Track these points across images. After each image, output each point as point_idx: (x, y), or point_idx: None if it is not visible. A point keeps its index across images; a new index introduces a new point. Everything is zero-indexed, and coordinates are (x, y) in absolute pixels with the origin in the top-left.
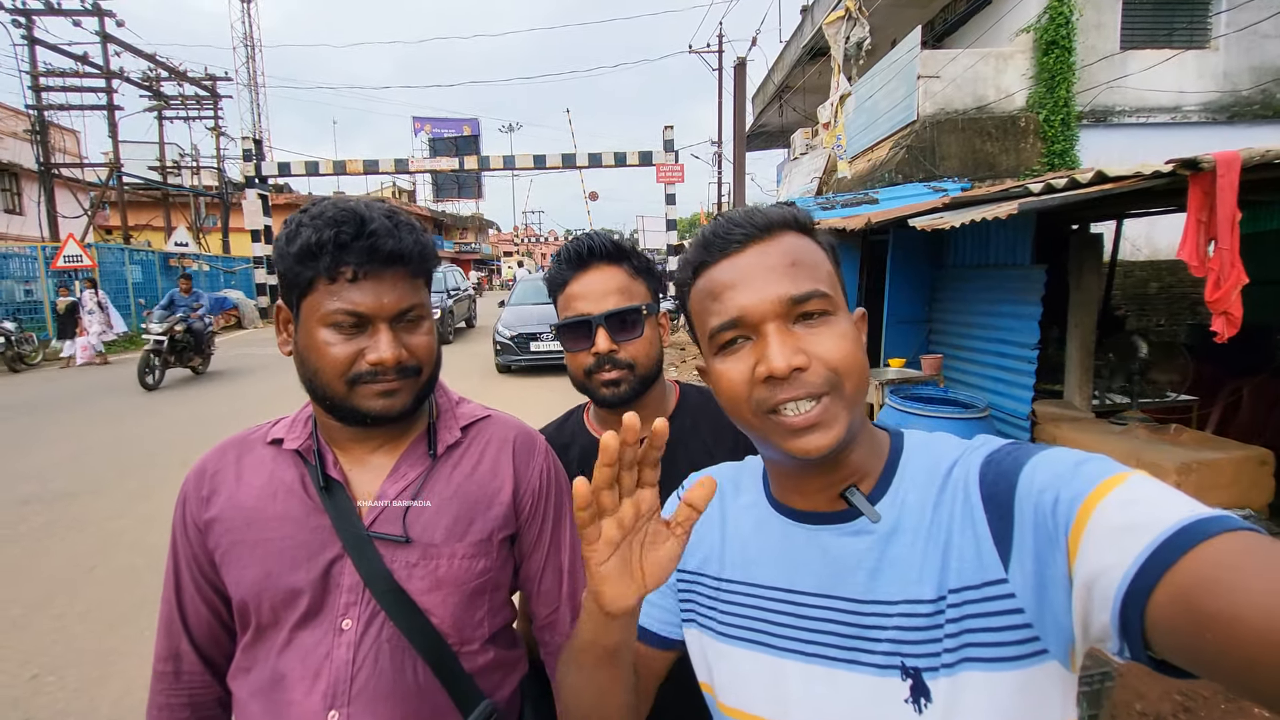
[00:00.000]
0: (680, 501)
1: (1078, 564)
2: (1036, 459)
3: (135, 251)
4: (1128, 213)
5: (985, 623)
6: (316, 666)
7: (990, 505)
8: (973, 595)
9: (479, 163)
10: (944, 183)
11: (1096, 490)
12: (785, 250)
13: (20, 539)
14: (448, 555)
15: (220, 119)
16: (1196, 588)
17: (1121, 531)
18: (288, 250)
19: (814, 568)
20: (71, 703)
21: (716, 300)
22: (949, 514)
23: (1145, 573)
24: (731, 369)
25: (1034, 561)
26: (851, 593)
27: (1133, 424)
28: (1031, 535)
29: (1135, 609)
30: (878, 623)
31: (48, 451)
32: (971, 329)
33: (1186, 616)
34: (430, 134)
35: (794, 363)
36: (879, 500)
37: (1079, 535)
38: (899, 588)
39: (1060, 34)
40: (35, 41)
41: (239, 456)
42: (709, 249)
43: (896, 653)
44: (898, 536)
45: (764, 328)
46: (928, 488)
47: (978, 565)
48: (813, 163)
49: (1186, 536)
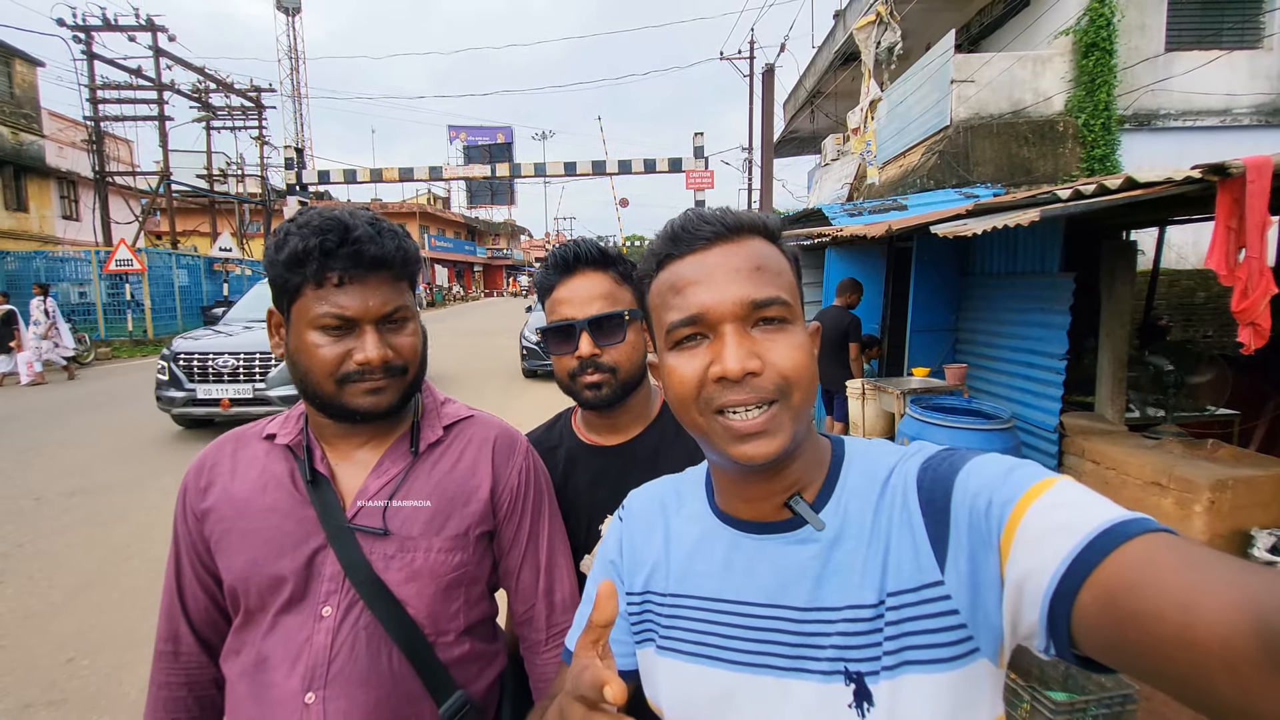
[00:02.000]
0: (589, 624)
1: (1009, 565)
2: (971, 465)
3: (182, 256)
4: (1169, 219)
5: (923, 625)
6: (297, 650)
7: (927, 510)
8: (910, 598)
9: (511, 170)
10: (977, 189)
11: (1027, 494)
12: (751, 254)
13: (65, 529)
14: (424, 548)
15: (264, 129)
16: (1118, 588)
17: (1049, 534)
18: (277, 258)
19: (761, 578)
20: (103, 685)
21: (678, 295)
22: (888, 519)
23: (1071, 574)
24: (684, 365)
25: (968, 563)
26: (797, 601)
27: (1167, 438)
28: (966, 538)
29: (1062, 609)
30: (822, 630)
31: (94, 446)
32: (998, 338)
33: (1109, 615)
34: (465, 141)
35: (748, 366)
36: (822, 508)
37: (1010, 538)
38: (842, 594)
39: (1101, 36)
40: (94, 57)
41: (235, 450)
42: (676, 242)
43: (840, 658)
44: (841, 543)
45: (722, 328)
46: (868, 494)
47: (915, 568)
48: (844, 168)
49: (1109, 538)
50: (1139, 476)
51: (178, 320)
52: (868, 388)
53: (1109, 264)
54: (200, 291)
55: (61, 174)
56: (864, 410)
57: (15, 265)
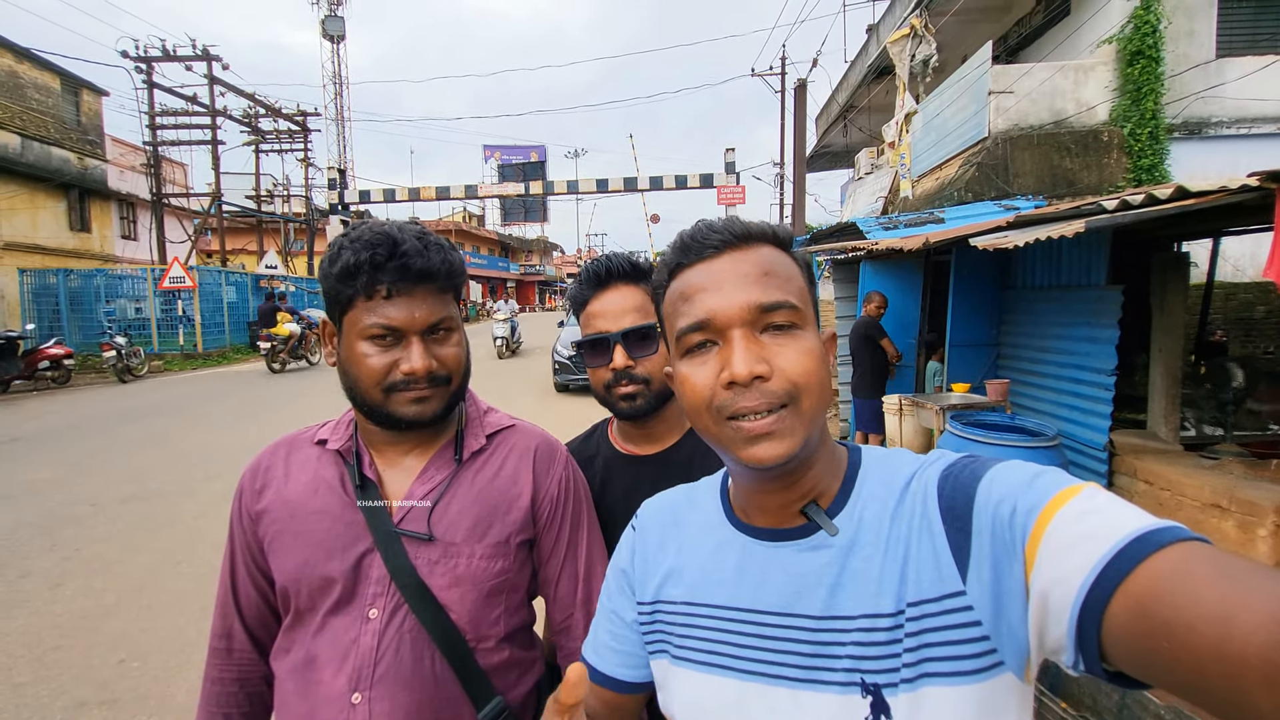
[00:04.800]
0: (557, 702)
1: (1034, 575)
2: (994, 471)
3: (230, 273)
4: (1224, 230)
5: (944, 636)
6: (345, 650)
7: (948, 517)
8: (931, 608)
9: (544, 187)
10: (1017, 200)
11: (1053, 501)
12: (760, 260)
13: (118, 535)
14: (467, 554)
15: (309, 151)
16: (1151, 597)
17: (1077, 542)
18: (330, 271)
19: (775, 586)
20: (152, 687)
21: (687, 302)
22: (907, 526)
23: (1101, 583)
24: (696, 373)
25: (991, 572)
26: (811, 610)
27: (1226, 458)
28: (989, 546)
29: (1092, 620)
30: (837, 639)
31: (147, 455)
32: (1043, 353)
33: (1141, 625)
34: (500, 160)
35: (756, 370)
36: (837, 514)
37: (1036, 546)
38: (858, 602)
39: (1146, 44)
40: (154, 85)
41: (289, 454)
42: (686, 251)
43: (856, 669)
44: (856, 550)
45: (730, 333)
46: (885, 501)
47: (936, 577)
48: (878, 182)
49: (1141, 546)
50: (1196, 498)
51: (226, 335)
52: (905, 403)
53: (1160, 276)
54: (247, 307)
55: (122, 196)
56: (901, 426)
57: (77, 283)
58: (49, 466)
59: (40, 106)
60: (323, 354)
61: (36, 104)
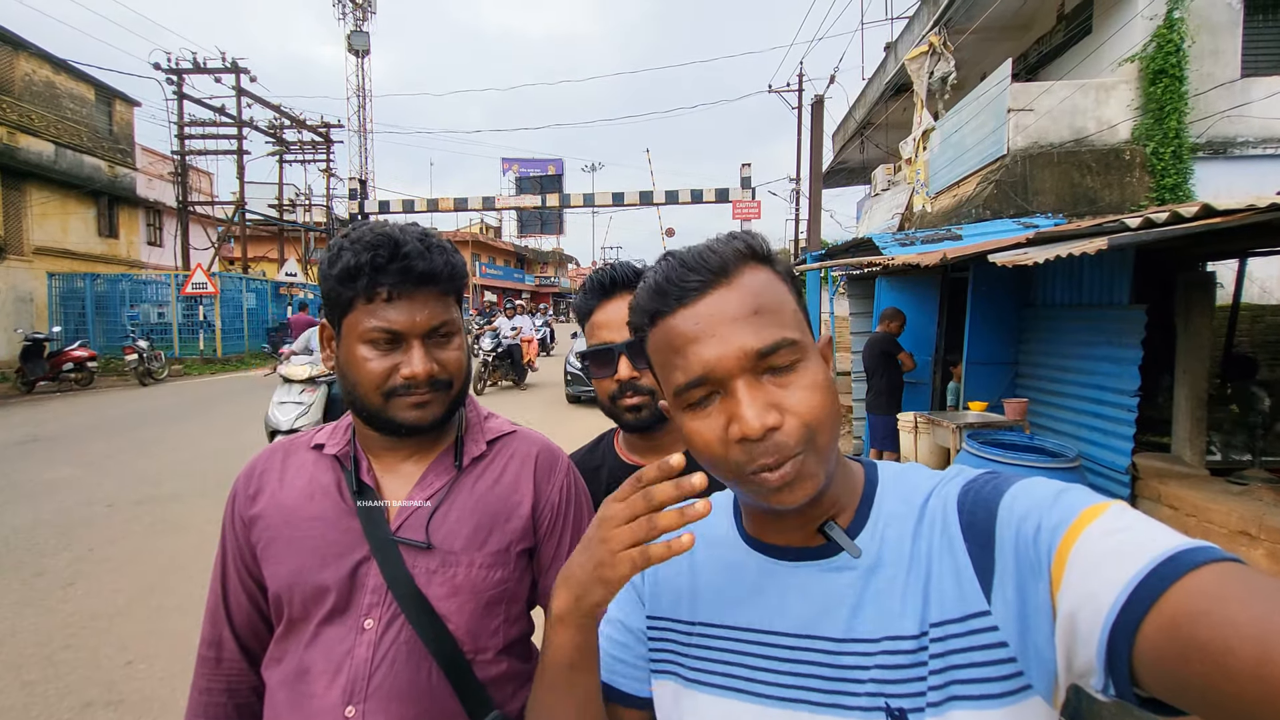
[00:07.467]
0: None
1: (1061, 594)
2: (1016, 487)
3: (251, 280)
4: (1250, 250)
5: (970, 657)
6: (339, 662)
7: (970, 534)
8: (956, 629)
9: (560, 200)
10: (1036, 218)
11: (1080, 518)
12: (745, 295)
13: (131, 536)
14: (466, 563)
15: (331, 161)
16: (1185, 618)
17: (1106, 560)
18: (330, 272)
19: (794, 607)
20: (158, 689)
21: (678, 354)
22: (928, 545)
23: (1134, 603)
24: (704, 429)
25: (1016, 591)
26: (833, 632)
27: (1255, 484)
28: (1013, 564)
29: (1123, 641)
30: (859, 662)
31: (163, 457)
32: (1063, 373)
33: (1175, 648)
34: (517, 173)
35: (767, 422)
36: (858, 535)
37: (1062, 564)
38: (880, 624)
39: (1170, 62)
40: (184, 96)
41: (285, 458)
42: (664, 297)
43: (880, 693)
44: (879, 570)
45: (732, 384)
46: (906, 519)
47: (959, 597)
48: (894, 198)
49: (1174, 566)
50: (1224, 525)
51: (245, 341)
52: (921, 420)
53: (1185, 297)
54: (266, 314)
55: (149, 203)
56: (916, 444)
57: (103, 287)
58: (68, 466)
59: (75, 116)
60: (320, 357)
61: (71, 113)
